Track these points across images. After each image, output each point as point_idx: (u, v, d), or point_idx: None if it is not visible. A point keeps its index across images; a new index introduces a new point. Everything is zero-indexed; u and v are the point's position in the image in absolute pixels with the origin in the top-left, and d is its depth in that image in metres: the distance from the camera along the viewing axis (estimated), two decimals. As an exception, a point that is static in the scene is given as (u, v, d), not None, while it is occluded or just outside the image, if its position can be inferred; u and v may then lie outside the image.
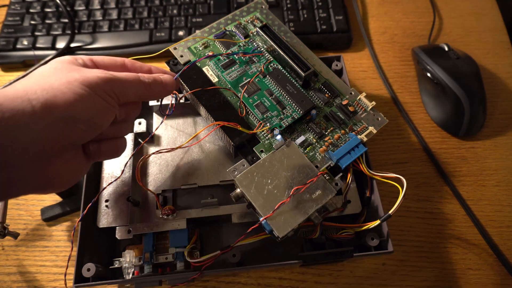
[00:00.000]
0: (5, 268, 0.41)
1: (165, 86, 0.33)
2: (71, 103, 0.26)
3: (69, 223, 0.43)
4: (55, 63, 0.29)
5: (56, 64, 0.28)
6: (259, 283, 0.40)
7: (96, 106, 0.27)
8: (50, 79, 0.26)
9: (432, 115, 0.50)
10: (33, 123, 0.24)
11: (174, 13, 0.56)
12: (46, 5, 0.57)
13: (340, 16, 0.55)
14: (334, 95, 0.40)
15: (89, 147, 0.31)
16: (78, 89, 0.26)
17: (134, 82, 0.31)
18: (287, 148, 0.35)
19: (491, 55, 0.55)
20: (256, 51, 0.42)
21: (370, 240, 0.36)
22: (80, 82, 0.27)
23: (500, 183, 0.46)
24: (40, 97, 0.25)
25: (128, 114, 0.33)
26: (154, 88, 0.32)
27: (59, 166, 0.27)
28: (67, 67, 0.28)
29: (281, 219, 0.31)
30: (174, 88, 0.35)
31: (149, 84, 0.32)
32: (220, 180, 0.39)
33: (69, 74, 0.27)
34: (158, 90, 0.33)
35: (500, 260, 0.41)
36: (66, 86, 0.26)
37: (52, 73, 0.27)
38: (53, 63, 0.29)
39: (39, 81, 0.26)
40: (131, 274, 0.35)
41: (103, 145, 0.32)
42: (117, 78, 0.29)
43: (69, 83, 0.26)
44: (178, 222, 0.37)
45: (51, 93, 0.25)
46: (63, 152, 0.27)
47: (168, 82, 0.34)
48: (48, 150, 0.26)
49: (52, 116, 0.25)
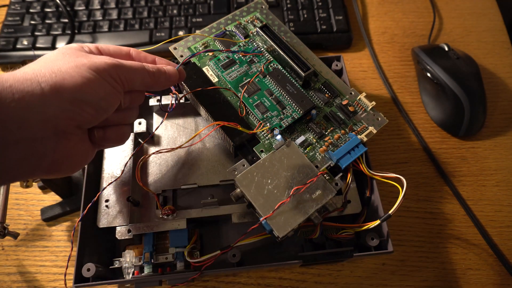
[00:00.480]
0: (5, 268, 0.41)
1: (169, 76, 0.34)
2: (79, 86, 0.26)
3: (69, 223, 0.43)
4: (63, 49, 0.29)
5: (64, 50, 0.29)
6: (259, 283, 0.40)
7: (103, 90, 0.28)
8: (58, 63, 0.27)
9: (432, 115, 0.50)
10: (42, 104, 0.25)
11: (174, 13, 0.56)
12: (46, 5, 0.57)
13: (340, 16, 0.56)
14: (334, 95, 0.40)
15: (95, 133, 0.31)
16: (86, 73, 0.27)
17: (140, 70, 0.31)
18: (287, 148, 0.35)
19: (491, 55, 0.55)
20: (256, 51, 0.42)
21: (370, 240, 0.36)
22: (88, 66, 0.27)
23: (500, 183, 0.46)
24: (49, 79, 0.25)
25: (132, 102, 0.34)
26: (158, 78, 0.33)
27: (67, 149, 0.28)
28: (75, 53, 0.29)
29: (281, 219, 0.31)
30: (177, 79, 0.35)
31: (153, 73, 0.32)
32: (220, 180, 0.39)
33: (77, 59, 0.28)
34: (162, 79, 0.33)
35: (500, 260, 0.41)
36: (74, 70, 0.27)
37: (61, 58, 0.28)
38: (61, 49, 0.29)
39: (48, 65, 0.27)
40: (131, 274, 0.35)
41: (108, 131, 0.32)
42: (124, 65, 0.30)
43: (77, 67, 0.27)
44: (178, 222, 0.37)
45: (60, 76, 0.26)
46: (71, 135, 0.28)
47: (171, 73, 0.34)
48: (57, 131, 0.26)
49: (61, 98, 0.26)
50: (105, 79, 0.28)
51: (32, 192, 0.45)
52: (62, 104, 0.26)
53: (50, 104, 0.25)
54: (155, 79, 0.33)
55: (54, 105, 0.25)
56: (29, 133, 0.25)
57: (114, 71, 0.29)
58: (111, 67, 0.29)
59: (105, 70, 0.28)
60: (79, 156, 0.30)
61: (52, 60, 0.27)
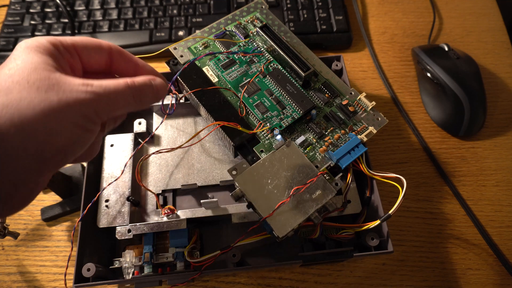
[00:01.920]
0: (5, 268, 0.41)
1: (156, 92, 0.28)
2: (42, 141, 0.21)
3: (69, 223, 0.43)
4: (27, 57, 0.23)
5: (28, 61, 0.23)
6: (259, 283, 0.40)
7: (73, 138, 0.23)
8: (19, 94, 0.21)
9: (432, 115, 0.50)
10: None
11: (174, 13, 0.56)
12: (46, 5, 0.57)
13: (340, 16, 0.56)
14: (334, 95, 0.40)
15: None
16: (53, 124, 0.21)
17: (123, 94, 0.25)
18: (287, 148, 0.35)
19: (491, 55, 0.55)
20: (256, 51, 0.42)
21: (370, 240, 0.36)
22: (57, 111, 0.22)
23: (500, 183, 0.46)
24: (6, 122, 0.20)
25: (109, 125, 0.29)
26: (144, 99, 0.27)
27: (26, 195, 0.23)
28: (42, 75, 0.22)
29: (281, 219, 0.31)
30: (165, 93, 0.30)
31: (139, 92, 0.26)
32: (220, 180, 0.39)
33: (44, 95, 0.21)
34: (148, 99, 0.28)
35: (500, 260, 0.41)
36: (39, 119, 0.21)
37: (23, 84, 0.21)
38: (25, 56, 0.23)
39: (6, 93, 0.21)
40: (131, 274, 0.35)
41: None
42: (105, 95, 0.24)
43: (43, 113, 0.21)
44: (178, 222, 0.37)
45: (19, 122, 0.20)
46: (29, 184, 0.23)
47: (160, 87, 0.28)
48: (15, 184, 0.22)
49: (24, 155, 0.21)
50: (78, 124, 0.23)
51: (32, 192, 0.45)
52: (24, 161, 0.21)
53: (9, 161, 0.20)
54: (141, 102, 0.27)
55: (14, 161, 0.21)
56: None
57: (90, 109, 0.23)
58: (88, 104, 0.23)
59: (79, 111, 0.22)
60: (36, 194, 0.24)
61: (13, 84, 0.21)
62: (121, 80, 0.26)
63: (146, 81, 0.27)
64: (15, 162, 0.21)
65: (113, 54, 0.28)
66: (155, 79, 0.28)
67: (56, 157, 0.23)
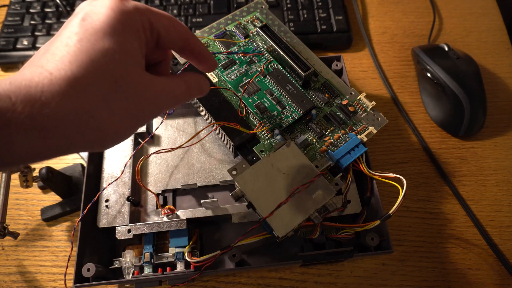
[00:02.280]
0: (5, 268, 0.41)
1: (201, 94, 0.30)
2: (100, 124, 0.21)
3: (69, 223, 0.43)
4: (124, 40, 0.21)
5: (124, 49, 0.21)
6: (259, 283, 0.40)
7: (128, 127, 0.24)
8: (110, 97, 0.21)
9: (432, 115, 0.50)
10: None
11: (174, 13, 0.56)
12: (46, 5, 0.57)
13: (340, 16, 0.55)
14: (334, 95, 0.40)
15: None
16: (124, 132, 0.23)
17: (179, 99, 0.27)
18: (287, 148, 0.35)
19: (491, 55, 0.55)
20: (256, 51, 0.42)
21: (370, 240, 0.36)
22: (130, 123, 0.23)
23: (500, 183, 0.46)
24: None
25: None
26: (191, 98, 0.29)
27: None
28: (134, 80, 0.22)
29: (281, 219, 0.31)
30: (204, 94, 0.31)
31: (186, 98, 0.28)
32: (220, 180, 0.39)
33: (129, 114, 0.22)
34: (193, 98, 0.29)
35: (500, 260, 0.41)
36: (118, 135, 0.22)
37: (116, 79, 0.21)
38: (121, 39, 0.21)
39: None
40: (131, 274, 0.35)
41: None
42: (167, 100, 0.25)
43: (122, 127, 0.22)
44: (178, 222, 0.37)
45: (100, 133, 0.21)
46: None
47: (203, 91, 0.30)
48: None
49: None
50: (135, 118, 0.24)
51: (32, 192, 0.45)
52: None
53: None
54: (189, 98, 0.28)
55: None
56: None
57: (155, 109, 0.25)
58: (155, 106, 0.24)
59: (142, 109, 0.23)
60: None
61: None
62: (182, 85, 0.27)
63: (197, 86, 0.28)
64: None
65: (188, 43, 0.27)
66: (203, 81, 0.29)
67: (98, 147, 0.23)
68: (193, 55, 0.29)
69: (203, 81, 0.29)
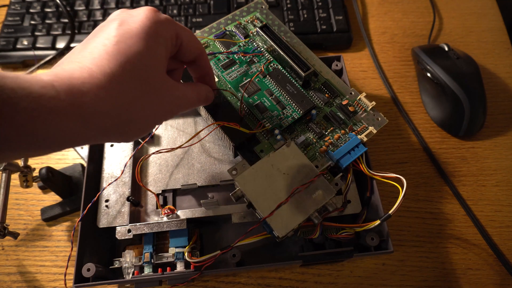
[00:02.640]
0: (5, 268, 0.41)
1: (206, 103, 0.33)
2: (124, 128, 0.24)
3: (69, 223, 0.43)
4: (152, 47, 0.24)
5: (151, 54, 0.24)
6: (259, 283, 0.40)
7: (145, 128, 0.27)
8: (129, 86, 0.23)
9: (432, 115, 0.50)
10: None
11: (174, 13, 0.56)
12: (46, 5, 0.57)
13: (340, 16, 0.55)
14: (334, 95, 0.40)
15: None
16: (146, 129, 0.26)
17: (192, 104, 0.30)
18: (287, 148, 0.35)
19: (491, 55, 0.55)
20: (256, 51, 0.42)
21: (370, 240, 0.36)
22: (153, 122, 0.26)
23: (500, 183, 0.46)
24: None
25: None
26: (196, 106, 0.32)
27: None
28: (160, 84, 0.25)
29: (281, 219, 0.31)
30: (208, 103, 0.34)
31: (195, 105, 0.31)
32: (220, 180, 0.39)
33: (155, 114, 0.25)
34: (199, 105, 0.33)
35: (500, 260, 0.41)
36: (140, 130, 0.25)
37: (139, 76, 0.23)
38: (151, 44, 0.24)
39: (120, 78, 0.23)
40: (131, 274, 0.35)
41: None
42: (183, 105, 0.29)
43: (146, 125, 0.26)
44: (178, 222, 0.37)
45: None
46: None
47: (209, 100, 0.33)
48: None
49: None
50: (156, 120, 0.27)
51: (32, 192, 0.45)
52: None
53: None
54: (197, 105, 0.32)
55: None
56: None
57: (170, 111, 0.28)
58: (172, 110, 0.28)
59: (163, 111, 0.27)
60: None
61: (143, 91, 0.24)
62: (195, 92, 0.30)
63: (205, 95, 0.32)
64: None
65: (199, 58, 0.31)
66: (209, 92, 0.33)
67: (121, 139, 0.26)
68: (199, 71, 0.33)
69: (210, 92, 0.33)
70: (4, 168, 0.38)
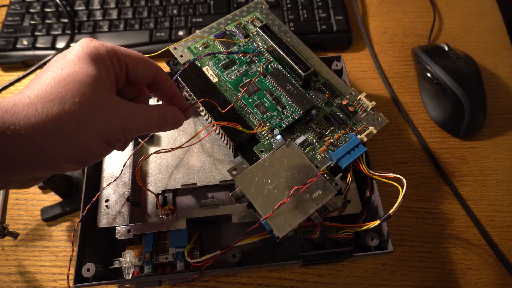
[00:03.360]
0: (5, 268, 0.41)
1: (174, 126, 0.32)
2: (69, 146, 0.24)
3: (69, 223, 0.43)
4: (86, 67, 0.25)
5: (86, 73, 0.25)
6: (259, 283, 0.40)
7: (97, 151, 0.26)
8: (68, 106, 0.23)
9: (432, 115, 0.50)
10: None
11: (174, 13, 0.56)
12: (46, 5, 0.57)
13: (340, 16, 0.55)
14: (334, 95, 0.40)
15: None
16: (85, 138, 0.24)
17: (152, 124, 0.29)
18: (287, 148, 0.35)
19: (491, 55, 0.55)
20: (256, 51, 0.42)
21: (370, 240, 0.36)
22: (94, 128, 0.24)
23: (500, 183, 0.46)
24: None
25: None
26: (165, 129, 0.31)
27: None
28: (95, 94, 0.24)
29: (281, 219, 0.31)
30: (181, 125, 0.33)
31: (162, 126, 0.30)
32: (220, 180, 0.39)
33: (91, 115, 0.24)
34: (166, 129, 0.31)
35: (500, 260, 0.41)
36: (87, 148, 0.24)
37: (76, 97, 0.24)
38: (83, 66, 0.25)
39: (59, 99, 0.23)
40: (131, 274, 0.35)
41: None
42: (138, 123, 0.27)
43: (83, 128, 0.24)
44: (178, 222, 0.37)
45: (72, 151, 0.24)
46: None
47: (178, 122, 0.32)
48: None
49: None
50: (107, 141, 0.26)
51: (32, 192, 0.45)
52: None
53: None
54: (162, 128, 0.30)
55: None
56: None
57: (122, 132, 0.26)
58: (122, 128, 0.26)
59: (112, 132, 0.25)
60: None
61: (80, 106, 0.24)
62: (156, 111, 0.29)
63: (171, 116, 0.31)
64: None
65: (158, 78, 0.31)
66: (178, 113, 0.31)
67: (72, 161, 0.25)
68: (163, 93, 0.32)
69: (178, 114, 0.32)
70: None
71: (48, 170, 0.25)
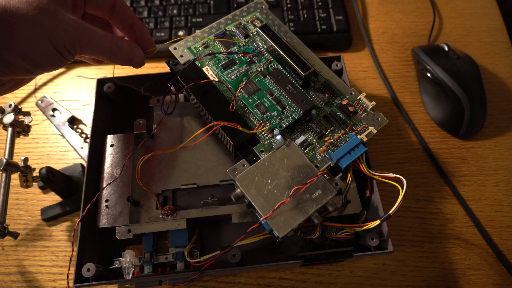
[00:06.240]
0: (5, 268, 0.41)
1: (128, 61, 0.32)
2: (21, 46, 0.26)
3: (69, 223, 0.43)
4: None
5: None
6: (259, 283, 0.40)
7: (46, 55, 0.27)
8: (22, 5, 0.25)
9: (432, 115, 0.50)
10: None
11: (174, 13, 0.56)
12: (46, 5, 0.57)
13: (340, 16, 0.55)
14: (334, 95, 0.40)
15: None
16: (36, 37, 0.26)
17: (103, 45, 0.29)
18: (287, 148, 0.35)
19: (491, 55, 0.55)
20: (256, 51, 0.42)
21: (370, 240, 0.36)
22: (47, 40, 0.26)
23: (500, 183, 0.46)
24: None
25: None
26: (117, 59, 0.31)
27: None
28: (53, 6, 0.27)
29: (281, 219, 0.31)
30: (138, 64, 0.33)
31: (115, 53, 0.30)
32: (220, 180, 0.39)
33: (40, 18, 0.26)
34: (120, 61, 0.32)
35: (500, 260, 0.41)
36: (35, 45, 0.26)
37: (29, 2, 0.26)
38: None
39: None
40: (131, 274, 0.35)
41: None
42: (88, 36, 0.28)
43: (38, 39, 0.26)
44: (178, 222, 0.37)
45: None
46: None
47: (134, 58, 0.32)
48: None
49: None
50: (56, 47, 0.27)
51: (32, 192, 0.45)
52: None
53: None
54: (115, 57, 0.31)
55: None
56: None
57: (71, 41, 0.27)
58: (71, 36, 0.27)
59: (61, 38, 0.27)
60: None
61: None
62: (109, 35, 0.30)
63: (127, 48, 0.31)
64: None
65: (116, 6, 0.32)
66: (136, 48, 0.32)
67: (20, 56, 0.26)
68: (122, 21, 0.32)
69: (136, 49, 0.32)
70: (4, 168, 0.38)
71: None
